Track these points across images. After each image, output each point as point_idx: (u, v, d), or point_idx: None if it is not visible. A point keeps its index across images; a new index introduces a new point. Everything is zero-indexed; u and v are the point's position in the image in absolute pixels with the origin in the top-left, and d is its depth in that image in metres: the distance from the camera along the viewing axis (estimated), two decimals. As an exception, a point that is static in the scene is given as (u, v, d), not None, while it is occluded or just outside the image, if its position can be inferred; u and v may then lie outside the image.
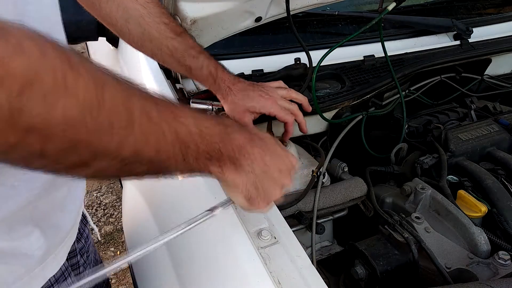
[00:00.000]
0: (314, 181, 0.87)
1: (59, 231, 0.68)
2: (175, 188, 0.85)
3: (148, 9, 0.79)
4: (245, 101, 0.84)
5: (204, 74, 0.84)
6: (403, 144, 1.08)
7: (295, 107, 0.89)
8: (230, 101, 0.85)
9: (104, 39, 1.29)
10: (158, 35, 0.80)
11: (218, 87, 0.85)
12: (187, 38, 0.83)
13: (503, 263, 0.74)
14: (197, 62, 0.83)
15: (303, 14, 1.25)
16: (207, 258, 0.68)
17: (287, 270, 0.59)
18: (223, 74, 0.84)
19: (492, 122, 1.08)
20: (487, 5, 1.62)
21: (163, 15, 0.80)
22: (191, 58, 0.82)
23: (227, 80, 0.85)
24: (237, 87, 0.84)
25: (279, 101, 0.87)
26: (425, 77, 1.24)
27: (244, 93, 0.84)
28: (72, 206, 0.71)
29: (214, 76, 0.84)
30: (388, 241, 0.81)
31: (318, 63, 1.00)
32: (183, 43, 0.82)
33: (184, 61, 0.83)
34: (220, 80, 0.84)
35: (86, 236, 0.87)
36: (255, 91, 0.85)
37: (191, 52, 0.82)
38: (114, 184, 2.53)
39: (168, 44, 0.81)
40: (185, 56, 0.82)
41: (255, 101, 0.84)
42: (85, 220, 0.88)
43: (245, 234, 0.64)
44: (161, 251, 0.81)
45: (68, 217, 0.70)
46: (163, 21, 0.80)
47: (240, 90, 0.84)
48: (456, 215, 0.81)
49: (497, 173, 0.94)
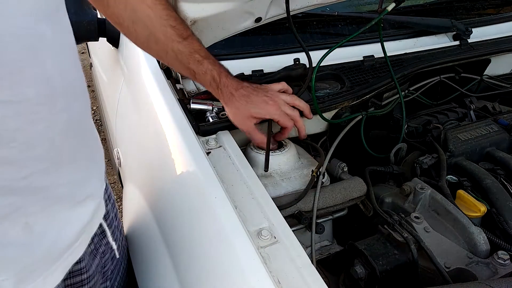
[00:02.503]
0: (313, 181, 0.87)
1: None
2: (176, 188, 0.85)
3: (155, 11, 0.79)
4: (248, 106, 0.84)
5: (207, 80, 0.84)
6: (403, 144, 1.08)
7: (297, 113, 0.90)
8: (233, 106, 0.85)
9: (105, 39, 1.29)
10: (164, 38, 0.80)
11: (220, 93, 0.85)
12: (193, 42, 0.82)
13: (502, 263, 0.74)
14: (201, 67, 0.83)
15: (303, 14, 1.25)
16: (207, 258, 0.69)
17: (287, 269, 0.59)
18: (226, 80, 0.84)
19: (492, 122, 1.08)
20: (486, 5, 1.62)
21: (170, 18, 0.80)
22: (195, 62, 0.82)
23: (230, 86, 0.84)
24: (240, 93, 0.84)
25: (282, 107, 0.87)
26: (424, 77, 1.24)
27: (247, 99, 0.84)
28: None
29: (217, 81, 0.84)
30: (388, 241, 0.81)
31: (317, 64, 1.00)
32: (188, 46, 0.81)
33: (188, 65, 0.83)
34: (223, 86, 0.84)
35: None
36: (258, 96, 0.85)
37: (196, 57, 0.82)
38: (115, 184, 2.53)
39: (174, 47, 0.81)
40: (189, 60, 0.82)
41: (259, 107, 0.84)
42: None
43: (245, 233, 0.64)
44: (161, 251, 0.82)
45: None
46: (170, 24, 0.80)
47: (243, 96, 0.84)
48: (456, 215, 0.81)
49: (497, 173, 0.94)
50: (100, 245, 0.77)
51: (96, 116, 3.28)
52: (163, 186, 0.91)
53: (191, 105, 0.93)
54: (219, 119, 0.92)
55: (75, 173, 0.60)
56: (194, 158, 0.81)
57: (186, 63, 0.82)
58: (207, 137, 0.88)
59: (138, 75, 1.15)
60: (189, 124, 0.88)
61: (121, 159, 1.29)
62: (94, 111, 3.34)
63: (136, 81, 1.18)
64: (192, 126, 0.88)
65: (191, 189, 0.79)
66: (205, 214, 0.73)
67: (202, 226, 0.72)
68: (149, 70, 1.08)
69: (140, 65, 1.12)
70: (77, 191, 0.61)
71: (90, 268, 0.72)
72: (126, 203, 1.17)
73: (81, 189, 0.62)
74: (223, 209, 0.69)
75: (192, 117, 0.91)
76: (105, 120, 1.82)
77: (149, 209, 0.94)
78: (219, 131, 0.90)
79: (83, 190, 0.63)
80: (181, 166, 0.84)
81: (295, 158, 0.94)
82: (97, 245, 0.76)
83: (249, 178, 0.77)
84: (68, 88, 0.55)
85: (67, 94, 0.54)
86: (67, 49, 0.55)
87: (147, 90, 1.07)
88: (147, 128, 1.05)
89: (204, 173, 0.77)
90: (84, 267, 0.70)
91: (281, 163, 0.91)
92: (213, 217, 0.71)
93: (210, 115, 0.92)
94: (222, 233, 0.67)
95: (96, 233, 0.73)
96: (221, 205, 0.70)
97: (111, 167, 2.65)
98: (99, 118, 3.21)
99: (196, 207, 0.76)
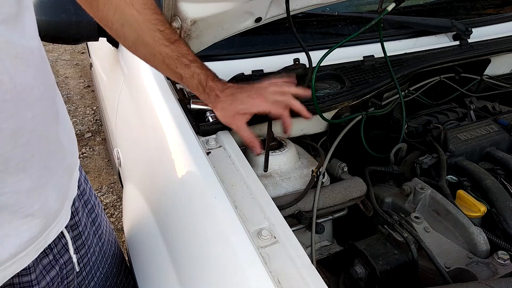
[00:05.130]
0: (313, 181, 0.87)
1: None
2: (176, 188, 0.85)
3: (143, 15, 0.79)
4: (233, 104, 0.83)
5: (194, 83, 0.84)
6: (403, 144, 1.08)
7: (288, 97, 0.86)
8: (219, 108, 0.85)
9: (105, 39, 1.29)
10: (152, 42, 0.81)
11: (207, 96, 0.85)
12: (181, 46, 0.83)
13: (502, 263, 0.74)
14: (188, 70, 0.83)
15: (303, 14, 1.25)
16: (207, 258, 0.69)
17: (287, 269, 0.59)
18: (212, 83, 0.84)
19: (491, 122, 1.08)
20: (486, 5, 1.62)
21: (158, 23, 0.81)
22: (182, 66, 0.83)
23: (216, 88, 0.84)
24: (225, 93, 0.84)
25: (270, 96, 0.84)
26: (424, 77, 1.24)
27: (232, 97, 0.84)
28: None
29: (204, 85, 0.84)
30: (388, 241, 0.81)
31: (317, 64, 1.00)
32: (176, 50, 0.82)
33: (175, 68, 0.83)
34: (209, 89, 0.84)
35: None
36: (243, 93, 0.85)
37: (183, 61, 0.83)
38: (115, 184, 2.53)
39: (161, 51, 0.82)
40: (177, 64, 0.83)
41: (244, 103, 0.83)
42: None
43: (245, 233, 0.64)
44: (161, 251, 0.82)
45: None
46: (158, 28, 0.81)
47: (229, 95, 0.84)
48: (456, 215, 0.81)
49: (496, 173, 0.94)
50: (61, 256, 0.72)
51: (96, 116, 3.28)
52: (163, 186, 0.91)
53: (191, 105, 0.93)
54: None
55: (23, 182, 0.56)
56: (194, 158, 0.81)
57: (174, 67, 0.83)
58: (207, 137, 0.88)
59: (138, 75, 1.15)
60: (189, 124, 0.88)
61: (121, 159, 1.29)
62: (94, 111, 3.35)
63: (136, 81, 1.18)
64: (192, 126, 0.88)
65: (191, 189, 0.79)
66: (205, 214, 0.73)
67: (202, 226, 0.72)
68: (149, 70, 1.08)
69: (140, 65, 1.12)
70: (25, 201, 0.57)
71: (42, 280, 0.68)
72: (126, 203, 1.17)
73: (30, 199, 0.58)
74: (223, 209, 0.69)
75: (192, 117, 0.91)
76: (105, 120, 1.82)
77: (149, 209, 0.94)
78: (219, 131, 0.90)
79: (33, 201, 0.59)
80: (181, 166, 0.84)
81: (295, 158, 0.94)
82: (57, 256, 0.71)
83: (249, 178, 0.77)
84: (21, 94, 0.52)
85: (18, 100, 0.52)
86: (26, 54, 0.53)
87: (147, 90, 1.07)
88: (147, 128, 1.05)
89: (204, 173, 0.77)
90: (35, 279, 0.67)
91: (281, 163, 0.91)
92: (213, 217, 0.71)
93: (210, 115, 0.92)
94: (222, 233, 0.67)
95: (57, 244, 0.70)
96: (221, 205, 0.70)
97: (111, 167, 2.66)
98: (99, 118, 3.22)
99: (196, 207, 0.76)
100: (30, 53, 0.54)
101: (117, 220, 2.27)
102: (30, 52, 0.54)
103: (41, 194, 0.60)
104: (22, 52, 0.52)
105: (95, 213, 0.84)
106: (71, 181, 0.71)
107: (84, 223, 0.79)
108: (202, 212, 0.74)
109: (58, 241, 0.71)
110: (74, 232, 0.76)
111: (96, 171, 2.66)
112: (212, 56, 1.12)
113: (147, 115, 1.06)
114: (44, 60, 0.59)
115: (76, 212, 0.75)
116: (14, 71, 0.51)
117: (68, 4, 1.17)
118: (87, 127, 3.14)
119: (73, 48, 4.59)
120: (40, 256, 0.67)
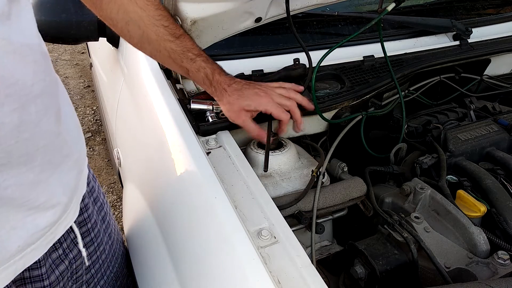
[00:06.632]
0: (313, 181, 0.87)
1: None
2: (176, 188, 0.85)
3: (147, 12, 0.80)
4: (240, 100, 0.84)
5: (200, 77, 0.85)
6: (403, 144, 1.08)
7: (293, 104, 0.88)
8: (225, 102, 0.85)
9: (105, 39, 1.29)
10: (157, 38, 0.82)
11: (214, 89, 0.86)
12: (186, 41, 0.84)
13: (502, 263, 0.74)
14: (194, 64, 0.84)
15: (303, 14, 1.25)
16: (207, 258, 0.69)
17: (287, 269, 0.59)
18: (219, 77, 0.85)
19: (491, 122, 1.08)
20: (486, 5, 1.62)
21: (162, 18, 0.81)
22: (188, 60, 0.83)
23: (223, 82, 0.85)
24: (232, 88, 0.85)
25: (276, 98, 0.86)
26: (424, 77, 1.24)
27: (239, 93, 0.84)
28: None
29: (210, 78, 0.84)
30: (388, 241, 0.81)
31: (317, 64, 1.00)
32: (181, 45, 0.83)
33: (181, 63, 0.84)
34: (216, 83, 0.85)
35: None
36: (250, 89, 0.85)
37: (189, 55, 0.83)
38: (115, 184, 2.53)
39: (166, 47, 0.82)
40: (182, 58, 0.83)
41: (250, 99, 0.84)
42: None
43: (245, 233, 0.64)
44: (161, 251, 0.82)
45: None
46: (162, 24, 0.81)
47: (236, 90, 0.85)
48: (456, 215, 0.81)
49: (496, 173, 0.94)
50: (70, 251, 0.73)
51: (96, 116, 3.28)
52: (163, 186, 0.91)
53: (191, 105, 0.93)
54: (219, 119, 0.92)
55: (25, 175, 0.57)
56: (194, 158, 0.81)
57: (179, 61, 0.84)
58: (207, 137, 0.88)
59: (138, 75, 1.15)
60: (189, 124, 0.88)
61: (121, 159, 1.29)
62: (94, 111, 3.35)
63: (136, 81, 1.18)
64: (192, 126, 0.88)
65: (191, 189, 0.79)
66: (205, 214, 0.73)
67: (202, 226, 0.72)
68: (149, 70, 1.08)
69: (140, 65, 1.12)
70: (29, 194, 0.58)
71: (51, 274, 0.69)
72: (126, 203, 1.17)
73: (34, 192, 0.59)
74: (223, 209, 0.69)
75: (192, 117, 0.91)
76: (105, 120, 1.82)
77: (149, 209, 0.94)
78: (219, 131, 0.90)
79: (38, 194, 0.59)
80: (181, 166, 0.84)
81: (295, 158, 0.94)
82: (67, 250, 0.72)
83: (249, 178, 0.77)
84: (24, 90, 0.53)
85: (21, 95, 0.53)
86: (25, 50, 0.54)
87: (147, 90, 1.07)
88: (147, 128, 1.05)
89: (204, 173, 0.77)
90: (45, 273, 0.67)
91: (281, 163, 0.91)
92: (213, 217, 0.71)
93: (210, 115, 0.92)
94: (222, 233, 0.67)
95: (66, 239, 0.71)
96: (221, 205, 0.70)
97: (111, 167, 2.66)
98: (99, 118, 3.22)
99: (196, 207, 0.76)
100: (28, 50, 0.54)
101: (117, 220, 2.27)
102: (29, 49, 0.55)
103: (46, 188, 0.61)
104: (20, 49, 0.53)
105: (104, 211, 0.85)
106: (79, 177, 0.71)
107: (94, 220, 0.80)
108: (202, 212, 0.74)
109: (67, 236, 0.72)
110: (83, 228, 0.77)
111: (96, 171, 2.66)
112: (212, 56, 1.11)
113: (147, 115, 1.06)
114: (45, 56, 0.60)
115: (85, 208, 0.76)
116: (15, 68, 0.52)
117: (68, 4, 1.17)
118: (87, 127, 3.14)
119: (73, 48, 4.59)
120: (50, 251, 0.67)
